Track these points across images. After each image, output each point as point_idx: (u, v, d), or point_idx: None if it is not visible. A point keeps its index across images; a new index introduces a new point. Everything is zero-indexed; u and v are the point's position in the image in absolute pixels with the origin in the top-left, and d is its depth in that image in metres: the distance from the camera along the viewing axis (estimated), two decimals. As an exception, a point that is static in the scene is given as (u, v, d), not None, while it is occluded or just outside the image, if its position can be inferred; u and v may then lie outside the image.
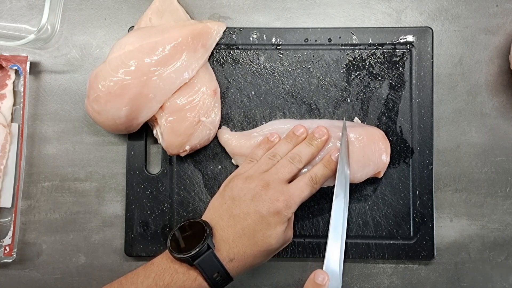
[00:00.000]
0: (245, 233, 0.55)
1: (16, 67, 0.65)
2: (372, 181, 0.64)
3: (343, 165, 0.59)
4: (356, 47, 0.65)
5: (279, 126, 0.64)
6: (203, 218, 0.57)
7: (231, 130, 0.65)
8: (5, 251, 0.64)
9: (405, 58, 0.65)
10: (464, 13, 0.66)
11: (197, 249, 0.52)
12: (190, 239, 0.54)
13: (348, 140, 0.60)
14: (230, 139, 0.64)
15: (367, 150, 0.60)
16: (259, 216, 0.55)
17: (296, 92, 0.65)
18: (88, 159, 0.67)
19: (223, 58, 0.66)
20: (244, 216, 0.55)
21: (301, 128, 0.61)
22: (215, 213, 0.57)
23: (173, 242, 0.55)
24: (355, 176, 0.60)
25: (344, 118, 0.64)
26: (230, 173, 0.61)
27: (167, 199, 0.65)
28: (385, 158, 0.61)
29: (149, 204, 0.65)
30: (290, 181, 0.58)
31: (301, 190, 0.57)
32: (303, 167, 0.59)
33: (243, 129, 0.65)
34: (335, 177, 0.59)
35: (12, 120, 0.67)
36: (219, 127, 0.65)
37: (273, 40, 0.65)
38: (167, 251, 0.55)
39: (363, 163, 0.60)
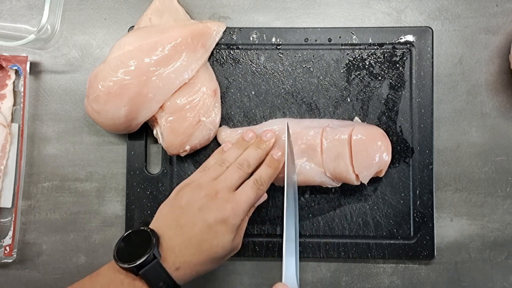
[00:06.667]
0: (192, 243, 0.54)
1: (16, 67, 0.65)
2: (372, 181, 0.64)
3: (290, 173, 0.58)
4: (356, 47, 0.65)
5: (278, 125, 0.63)
6: (151, 226, 0.56)
7: (231, 130, 0.65)
8: (5, 251, 0.64)
9: (405, 58, 0.65)
10: (464, 13, 0.66)
11: (143, 259, 0.51)
12: (137, 248, 0.53)
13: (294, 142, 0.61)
14: (229, 137, 0.64)
15: (370, 150, 0.60)
16: (206, 225, 0.54)
17: (296, 92, 0.65)
18: (88, 159, 0.67)
19: (223, 58, 0.66)
20: (192, 225, 0.54)
21: (250, 133, 0.61)
22: (163, 221, 0.56)
23: (119, 251, 0.54)
24: (360, 177, 0.60)
25: (287, 123, 0.61)
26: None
27: (167, 199, 0.65)
28: (387, 157, 0.61)
29: (149, 204, 0.65)
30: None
31: (247, 195, 0.56)
32: (252, 172, 0.59)
33: (243, 129, 0.65)
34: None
35: (12, 120, 0.67)
36: (219, 127, 0.65)
37: (273, 40, 0.65)
38: (113, 260, 0.54)
39: (367, 163, 0.60)
